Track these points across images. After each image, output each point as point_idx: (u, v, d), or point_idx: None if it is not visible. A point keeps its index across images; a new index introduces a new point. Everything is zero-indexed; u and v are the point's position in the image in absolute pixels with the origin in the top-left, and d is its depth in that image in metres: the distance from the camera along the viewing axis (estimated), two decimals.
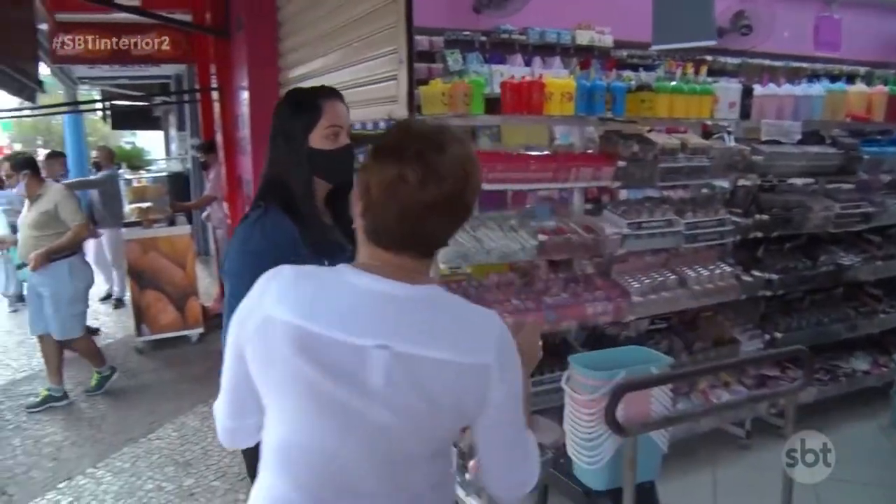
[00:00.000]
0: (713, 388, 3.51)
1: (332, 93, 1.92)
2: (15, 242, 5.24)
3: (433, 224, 1.20)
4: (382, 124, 3.35)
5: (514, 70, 5.02)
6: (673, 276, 3.37)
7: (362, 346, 1.16)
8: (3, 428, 4.74)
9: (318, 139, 1.87)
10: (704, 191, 4.04)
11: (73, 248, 4.89)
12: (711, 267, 3.53)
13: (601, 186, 3.60)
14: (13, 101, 6.74)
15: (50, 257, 4.66)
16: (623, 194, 3.93)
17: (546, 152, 3.55)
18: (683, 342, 3.56)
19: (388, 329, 1.18)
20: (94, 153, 8.58)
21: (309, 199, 1.89)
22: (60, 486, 3.82)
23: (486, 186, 2.90)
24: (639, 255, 3.44)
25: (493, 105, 3.10)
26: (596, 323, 3.14)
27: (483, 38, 5.57)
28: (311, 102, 1.91)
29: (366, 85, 3.38)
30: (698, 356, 3.48)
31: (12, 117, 11.18)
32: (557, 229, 3.08)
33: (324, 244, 1.86)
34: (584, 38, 5.78)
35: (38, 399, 5.05)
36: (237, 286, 1.78)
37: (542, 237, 2.96)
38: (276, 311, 1.18)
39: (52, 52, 7.19)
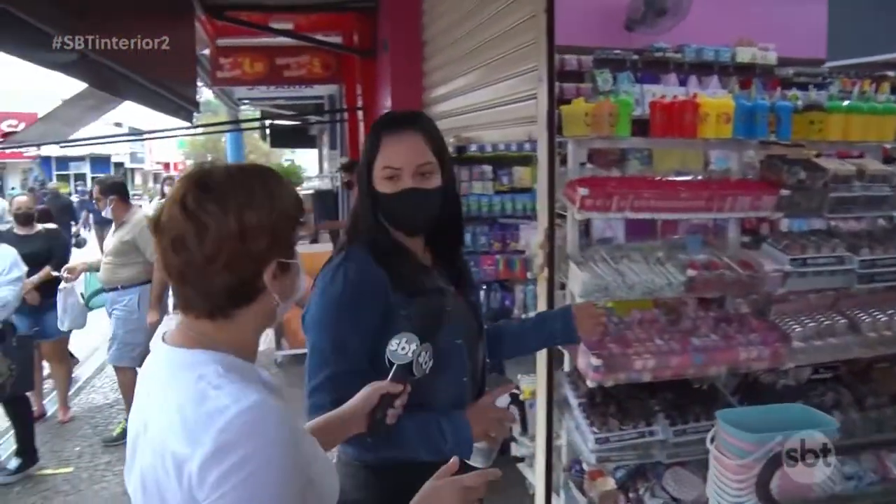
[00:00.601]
0: (891, 452, 3.06)
1: (398, 124, 1.71)
2: (87, 270, 5.40)
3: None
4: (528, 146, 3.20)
5: (668, 90, 4.74)
6: (843, 320, 2.97)
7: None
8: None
9: (378, 179, 1.70)
10: (882, 223, 3.58)
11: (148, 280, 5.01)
12: (890, 311, 3.08)
13: (760, 217, 3.26)
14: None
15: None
16: (785, 225, 3.56)
17: (700, 178, 3.26)
18: (853, 396, 3.13)
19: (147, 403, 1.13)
20: None
21: (386, 241, 1.73)
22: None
23: (629, 215, 2.68)
24: (802, 295, 3.06)
25: (642, 127, 2.88)
26: (749, 369, 2.82)
27: (635, 57, 5.31)
28: (376, 134, 1.72)
29: (505, 104, 3.25)
30: (871, 413, 3.04)
31: (177, 136, 11.97)
32: (709, 264, 2.78)
33: (417, 289, 1.70)
34: (745, 55, 5.37)
35: (114, 433, 5.20)
36: (319, 339, 1.67)
37: (691, 272, 2.68)
38: None
39: (213, 75, 7.60)
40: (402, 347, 1.48)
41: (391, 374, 1.49)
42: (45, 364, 5.66)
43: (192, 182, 1.10)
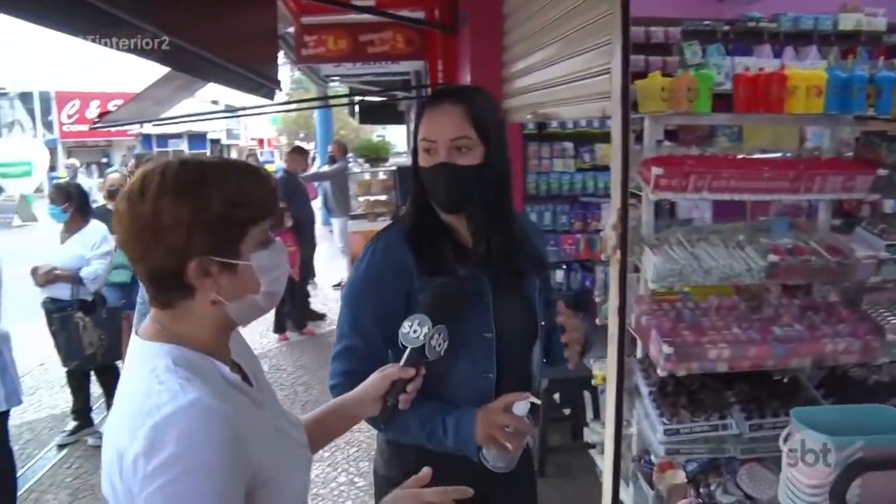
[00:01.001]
0: None
1: (440, 97, 1.66)
2: None
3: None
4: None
5: (762, 62, 4.48)
6: None
7: None
8: None
9: (419, 153, 1.65)
10: None
11: None
12: None
13: (859, 199, 3.03)
14: (279, 93, 7.33)
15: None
16: (890, 207, 3.30)
17: (788, 156, 3.05)
18: None
19: None
20: (329, 147, 9.09)
21: (423, 220, 1.67)
22: None
23: (707, 196, 2.54)
24: None
25: (731, 102, 2.72)
26: (837, 362, 2.63)
27: (726, 28, 5.03)
28: (421, 107, 1.68)
29: (580, 80, 3.12)
30: None
31: (262, 113, 12.20)
32: (794, 248, 2.61)
33: (443, 273, 1.63)
34: (848, 22, 4.98)
35: None
36: (342, 312, 1.68)
37: (773, 257, 2.51)
38: None
39: (298, 52, 7.69)
40: (413, 330, 1.44)
41: (404, 358, 1.45)
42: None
43: (139, 176, 1.12)
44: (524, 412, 1.53)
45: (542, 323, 1.80)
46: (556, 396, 4.14)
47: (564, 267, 5.48)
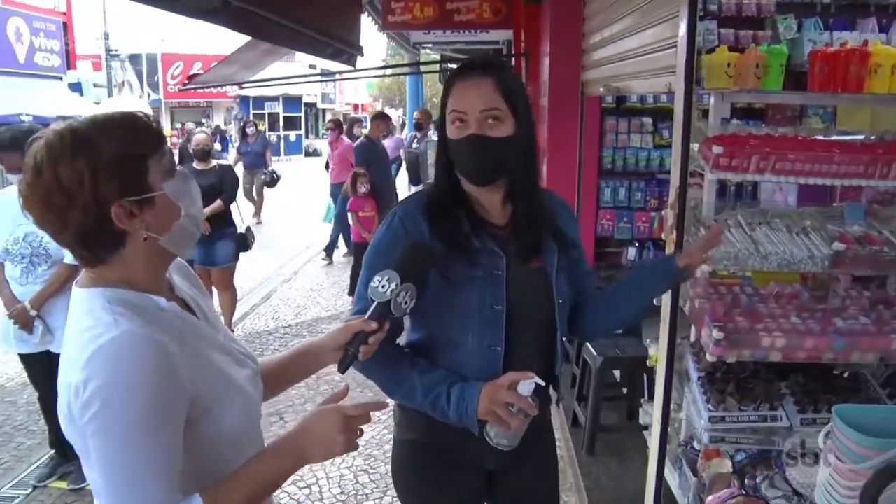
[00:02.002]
0: None
1: (470, 69, 1.63)
2: None
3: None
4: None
5: (867, 38, 4.20)
6: None
7: None
8: None
9: (448, 124, 1.63)
10: None
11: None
12: None
13: None
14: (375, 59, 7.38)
15: None
16: None
17: (871, 140, 2.87)
18: None
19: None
20: (416, 114, 9.13)
21: (445, 191, 1.66)
22: None
23: (770, 178, 2.43)
24: None
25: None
26: None
27: (826, 0, 4.74)
28: (450, 79, 1.65)
29: (649, 53, 3.02)
30: None
31: (352, 78, 12.34)
32: (864, 237, 2.47)
33: (456, 244, 1.63)
34: None
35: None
36: (362, 275, 1.70)
37: (838, 246, 2.39)
38: None
39: (385, 19, 7.72)
40: (382, 285, 1.43)
41: (369, 312, 1.45)
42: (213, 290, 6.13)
43: (28, 158, 1.15)
44: (529, 392, 1.51)
45: (560, 301, 1.75)
46: (616, 374, 4.09)
47: (637, 245, 5.36)
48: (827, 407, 2.40)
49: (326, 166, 9.60)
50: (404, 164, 11.23)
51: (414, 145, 8.46)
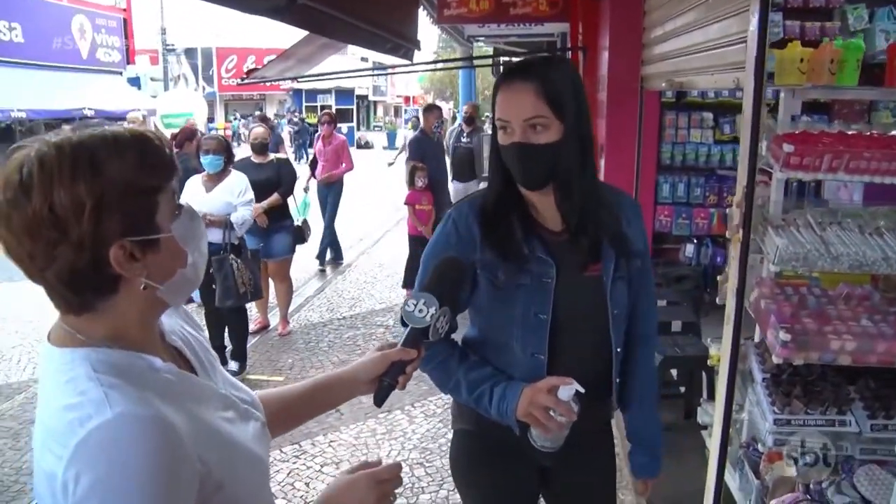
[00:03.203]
0: None
1: (511, 75, 1.58)
2: None
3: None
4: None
5: None
6: None
7: None
8: (353, 352, 5.33)
9: (497, 131, 1.61)
10: None
11: None
12: None
13: None
14: (427, 52, 7.34)
15: None
16: None
17: None
18: None
19: None
20: (465, 108, 9.10)
21: (498, 195, 1.65)
22: (380, 415, 4.17)
23: (843, 178, 2.37)
24: None
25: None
26: None
27: None
28: (497, 82, 1.61)
29: (716, 48, 2.97)
30: None
31: (405, 72, 12.37)
32: None
33: (506, 252, 1.62)
34: None
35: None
36: (419, 276, 1.68)
37: None
38: None
39: (440, 13, 7.73)
40: (419, 309, 1.34)
41: (404, 338, 1.37)
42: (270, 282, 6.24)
43: (11, 170, 0.93)
44: (568, 397, 1.50)
45: (615, 311, 1.71)
46: (674, 373, 4.04)
47: (695, 241, 5.29)
48: None
49: (313, 164, 8.53)
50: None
51: (464, 140, 8.40)
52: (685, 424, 3.72)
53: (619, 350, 1.76)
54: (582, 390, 1.51)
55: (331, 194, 8.29)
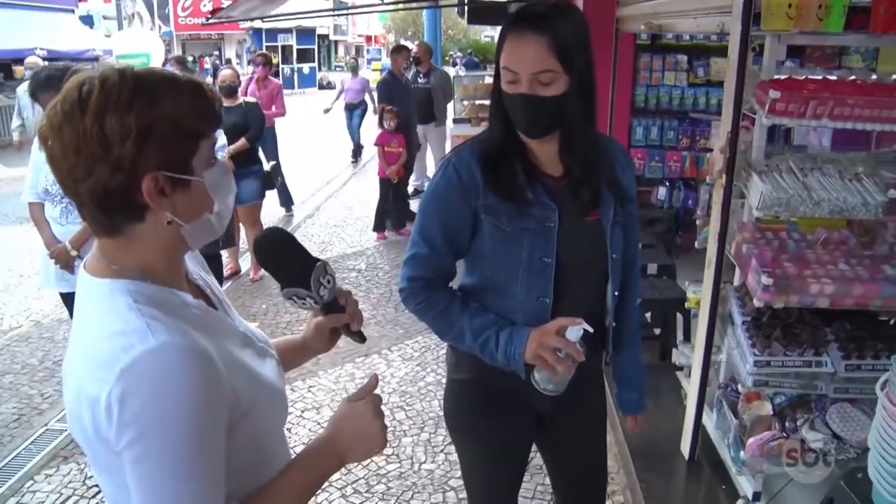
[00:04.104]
0: None
1: (522, 23, 1.54)
2: None
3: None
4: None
5: None
6: None
7: None
8: None
9: (502, 78, 1.58)
10: None
11: None
12: None
13: None
14: None
15: None
16: None
17: None
18: None
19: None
20: (414, 48, 8.79)
21: (499, 140, 1.65)
22: (358, 360, 4.21)
23: (828, 123, 2.39)
24: None
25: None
26: None
27: None
28: (503, 29, 1.59)
29: None
30: None
31: (377, 11, 12.10)
32: None
33: (508, 195, 1.63)
34: None
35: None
36: (415, 221, 1.73)
37: (894, 193, 2.37)
38: None
39: None
40: (314, 298, 1.30)
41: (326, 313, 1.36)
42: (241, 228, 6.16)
43: (72, 86, 0.99)
44: (576, 338, 1.52)
45: (614, 256, 1.74)
46: (648, 315, 4.12)
47: (668, 184, 5.34)
48: (872, 353, 2.42)
49: None
50: (371, 109, 10.85)
51: (420, 80, 8.21)
52: (660, 366, 3.80)
53: (616, 294, 1.79)
54: (591, 329, 1.53)
55: (267, 141, 7.98)
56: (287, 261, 1.30)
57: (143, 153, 0.96)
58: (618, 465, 3.22)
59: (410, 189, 8.23)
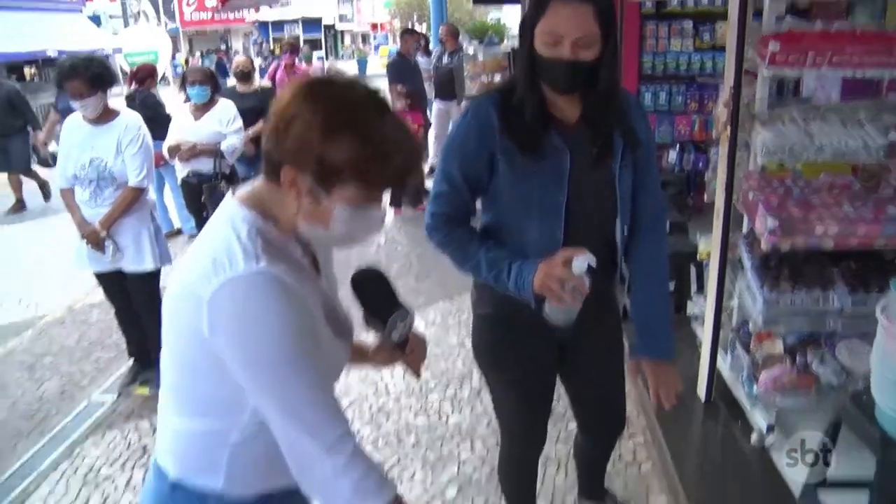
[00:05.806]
0: None
1: None
2: None
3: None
4: None
5: None
6: None
7: None
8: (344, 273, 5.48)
9: (539, 41, 1.69)
10: None
11: None
12: None
13: None
14: None
15: None
16: None
17: None
18: None
19: None
20: (441, 30, 8.99)
21: (521, 93, 1.75)
22: None
23: (827, 72, 2.51)
24: None
25: None
26: None
27: None
28: None
29: None
30: None
31: None
32: None
33: (525, 140, 1.75)
34: None
35: None
36: (439, 164, 1.87)
37: (894, 136, 2.48)
38: None
39: None
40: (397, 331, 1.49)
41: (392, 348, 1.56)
42: None
43: (311, 77, 1.18)
44: (581, 270, 1.62)
45: (622, 196, 1.86)
46: None
47: (678, 147, 5.43)
48: (878, 289, 2.53)
49: None
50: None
51: (445, 60, 8.37)
52: (676, 318, 3.91)
53: (624, 233, 1.92)
54: (594, 261, 1.64)
55: None
56: (376, 301, 1.49)
57: (299, 156, 1.12)
58: (637, 409, 3.35)
59: (426, 168, 8.36)
